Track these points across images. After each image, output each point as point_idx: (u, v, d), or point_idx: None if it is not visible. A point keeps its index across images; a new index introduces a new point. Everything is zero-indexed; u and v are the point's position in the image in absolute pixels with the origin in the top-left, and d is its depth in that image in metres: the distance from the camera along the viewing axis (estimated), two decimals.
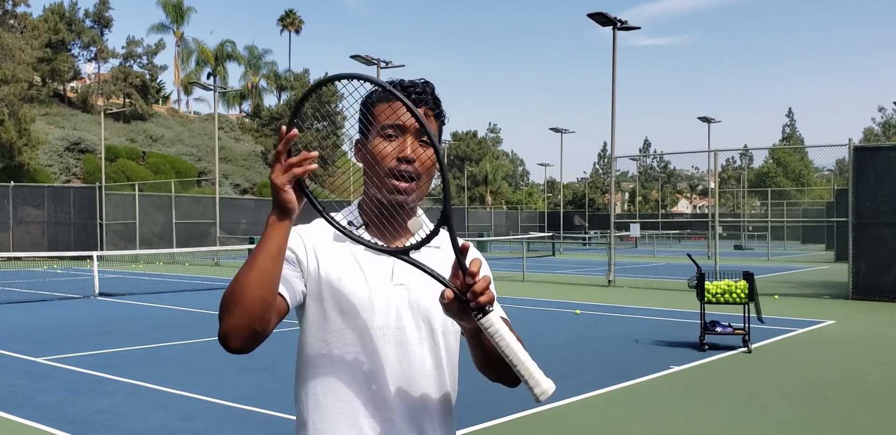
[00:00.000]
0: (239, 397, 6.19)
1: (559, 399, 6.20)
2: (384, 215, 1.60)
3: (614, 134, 19.13)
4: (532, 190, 78.73)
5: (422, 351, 1.58)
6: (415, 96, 1.58)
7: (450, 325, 1.62)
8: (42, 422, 5.50)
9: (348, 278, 1.57)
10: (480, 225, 50.63)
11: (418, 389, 1.57)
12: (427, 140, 1.56)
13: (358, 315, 1.56)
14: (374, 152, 1.57)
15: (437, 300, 1.56)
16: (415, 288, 1.59)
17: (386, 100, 1.59)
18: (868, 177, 14.15)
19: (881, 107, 70.40)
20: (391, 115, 1.56)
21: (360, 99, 1.63)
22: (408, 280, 1.59)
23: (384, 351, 1.56)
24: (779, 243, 41.47)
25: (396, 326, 1.57)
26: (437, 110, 1.62)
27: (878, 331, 10.32)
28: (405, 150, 1.55)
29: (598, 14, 18.48)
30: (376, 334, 1.56)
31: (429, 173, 1.59)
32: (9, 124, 31.75)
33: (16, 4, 38.92)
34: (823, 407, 6.10)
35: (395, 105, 1.56)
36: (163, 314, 12.01)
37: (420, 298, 1.59)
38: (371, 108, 1.62)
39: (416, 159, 1.56)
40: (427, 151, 1.57)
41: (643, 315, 11.98)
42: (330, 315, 1.57)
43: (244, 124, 60.93)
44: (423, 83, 1.61)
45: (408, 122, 1.55)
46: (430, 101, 1.60)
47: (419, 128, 1.54)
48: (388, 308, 1.57)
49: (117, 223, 30.88)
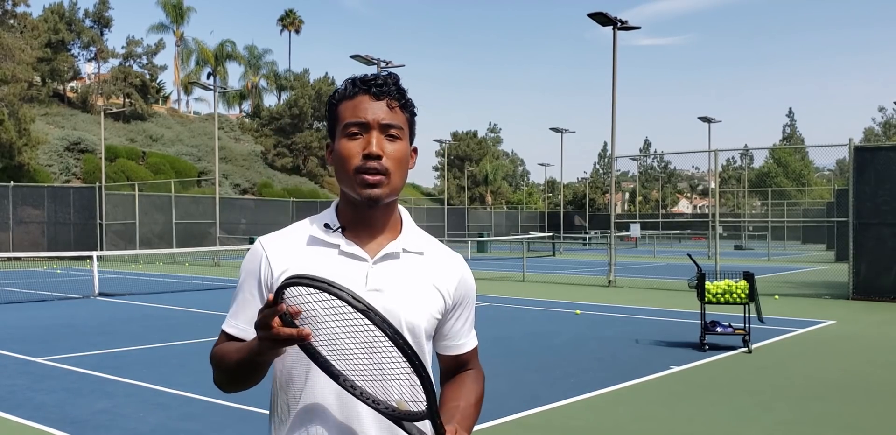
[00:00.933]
0: (239, 397, 6.18)
1: (559, 399, 6.20)
2: (359, 215, 1.57)
3: (614, 134, 19.13)
4: (532, 190, 78.70)
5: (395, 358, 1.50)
6: (375, 89, 1.53)
7: (423, 333, 1.57)
8: (42, 422, 5.50)
9: None
10: (480, 225, 50.64)
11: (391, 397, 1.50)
12: (395, 133, 1.54)
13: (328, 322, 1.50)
14: (342, 152, 1.53)
15: (411, 307, 1.55)
16: (389, 294, 1.54)
17: (349, 97, 1.56)
18: (868, 177, 14.14)
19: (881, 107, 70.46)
20: (353, 114, 1.53)
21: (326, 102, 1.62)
22: (382, 286, 1.54)
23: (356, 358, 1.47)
24: (779, 243, 41.45)
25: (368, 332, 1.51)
26: (402, 100, 1.57)
27: (879, 331, 10.31)
28: (370, 147, 1.51)
29: (598, 14, 18.47)
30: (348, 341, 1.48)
31: (399, 167, 1.54)
32: (9, 124, 31.75)
33: (16, 4, 38.92)
34: (823, 407, 6.09)
35: (356, 101, 1.54)
36: (163, 314, 12.01)
37: (394, 305, 1.53)
38: (335, 108, 1.58)
39: (384, 154, 1.52)
40: (395, 145, 1.54)
41: (643, 315, 11.98)
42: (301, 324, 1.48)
43: (244, 124, 60.95)
44: (385, 75, 1.57)
45: (370, 117, 1.52)
46: (394, 91, 1.55)
47: (383, 123, 1.53)
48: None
49: (117, 223, 30.88)
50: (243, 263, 1.62)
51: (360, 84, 1.55)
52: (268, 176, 50.58)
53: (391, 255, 1.57)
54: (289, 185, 49.90)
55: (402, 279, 1.56)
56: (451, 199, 62.33)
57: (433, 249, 1.64)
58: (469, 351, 1.72)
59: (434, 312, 1.59)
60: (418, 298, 1.56)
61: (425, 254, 1.62)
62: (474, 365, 1.74)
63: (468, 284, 1.67)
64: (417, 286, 1.57)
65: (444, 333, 1.66)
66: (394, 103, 1.55)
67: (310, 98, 53.66)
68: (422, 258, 1.61)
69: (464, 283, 1.66)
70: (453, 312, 1.65)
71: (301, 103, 53.52)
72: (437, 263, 1.62)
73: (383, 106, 1.54)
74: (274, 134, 54.59)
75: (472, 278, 1.69)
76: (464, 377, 1.71)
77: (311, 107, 53.61)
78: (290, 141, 53.64)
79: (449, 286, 1.62)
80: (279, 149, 53.70)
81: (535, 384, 6.88)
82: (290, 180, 51.66)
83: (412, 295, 1.56)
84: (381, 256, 1.56)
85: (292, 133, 53.76)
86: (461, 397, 1.63)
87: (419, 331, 1.56)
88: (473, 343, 1.73)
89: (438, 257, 1.64)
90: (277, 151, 53.67)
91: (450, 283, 1.63)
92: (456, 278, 1.64)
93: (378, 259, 1.55)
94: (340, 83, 1.60)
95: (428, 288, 1.58)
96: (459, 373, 1.72)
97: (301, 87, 55.43)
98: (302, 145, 53.49)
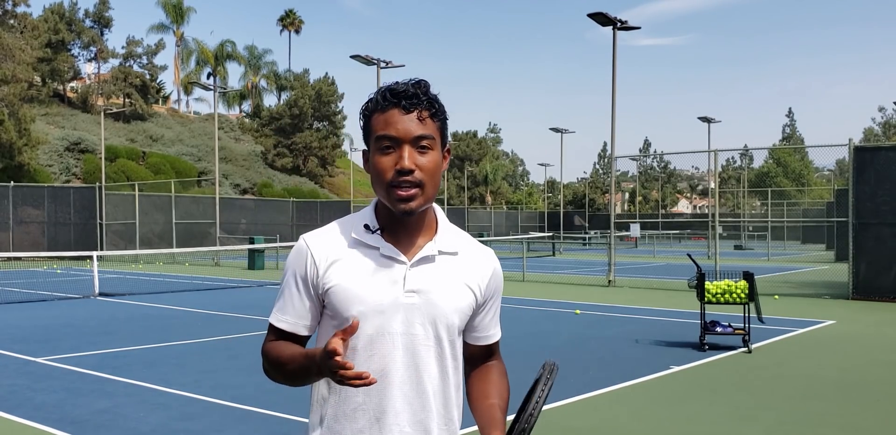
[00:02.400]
0: (239, 397, 6.19)
1: (559, 399, 6.20)
2: (397, 218, 1.63)
3: (614, 134, 19.13)
4: (532, 190, 78.70)
5: (429, 357, 1.62)
6: (405, 102, 1.57)
7: (456, 330, 1.66)
8: (42, 422, 5.50)
9: (360, 285, 1.60)
10: (480, 225, 50.64)
11: (425, 394, 1.61)
12: (426, 144, 1.58)
13: (368, 321, 1.58)
14: (375, 167, 1.59)
15: (447, 308, 1.64)
16: (426, 295, 1.61)
17: (380, 110, 1.59)
18: (868, 177, 14.14)
19: (881, 107, 70.45)
20: (384, 127, 1.57)
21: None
22: (420, 287, 1.61)
23: (392, 356, 1.59)
24: (779, 243, 41.46)
25: (406, 332, 1.60)
26: (433, 109, 1.60)
27: (879, 331, 10.31)
28: (402, 162, 1.55)
29: (599, 14, 18.47)
30: (386, 340, 1.59)
31: (432, 178, 1.60)
32: (9, 124, 31.74)
33: (16, 4, 38.92)
34: (823, 407, 6.09)
35: (387, 115, 1.57)
36: (163, 314, 12.01)
37: (430, 306, 1.62)
38: (369, 120, 1.63)
39: (416, 168, 1.57)
40: (427, 157, 1.58)
41: (643, 315, 11.98)
42: (342, 323, 1.59)
43: (244, 124, 60.93)
44: (413, 84, 1.60)
45: (401, 131, 1.56)
46: (424, 102, 1.58)
47: (415, 135, 1.56)
48: (399, 314, 1.59)
49: (117, 223, 30.87)
50: (288, 259, 1.69)
51: (390, 97, 1.58)
52: (268, 176, 50.56)
53: (427, 258, 1.64)
54: (289, 186, 49.88)
55: (438, 280, 1.63)
56: (451, 199, 62.34)
57: (466, 248, 1.72)
58: (495, 341, 1.82)
59: (466, 310, 1.67)
60: (453, 298, 1.64)
61: (459, 253, 1.69)
62: (498, 355, 1.85)
63: (498, 279, 1.76)
64: (452, 286, 1.65)
65: (474, 325, 1.75)
66: (424, 114, 1.59)
67: (310, 98, 53.62)
68: (456, 258, 1.68)
69: (495, 278, 1.74)
70: (484, 305, 1.74)
71: (301, 103, 53.48)
72: (470, 262, 1.70)
73: (414, 118, 1.58)
74: (274, 134, 54.55)
75: (501, 273, 1.78)
76: (491, 370, 1.81)
77: (311, 107, 53.57)
78: (290, 141, 53.62)
79: (481, 283, 1.70)
80: (279, 149, 53.68)
81: None
82: (290, 180, 51.64)
83: (447, 295, 1.64)
84: (418, 259, 1.63)
85: (292, 133, 53.73)
86: (494, 394, 1.75)
87: (454, 329, 1.65)
88: (499, 334, 1.83)
89: (471, 255, 1.71)
90: (277, 151, 53.65)
91: (482, 279, 1.71)
92: (488, 275, 1.72)
93: (415, 262, 1.63)
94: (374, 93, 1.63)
95: (461, 287, 1.66)
96: (485, 363, 1.82)
97: (301, 87, 55.38)
98: (302, 145, 53.47)
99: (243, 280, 19.14)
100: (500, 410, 1.70)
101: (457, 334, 1.67)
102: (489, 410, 1.69)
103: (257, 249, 23.49)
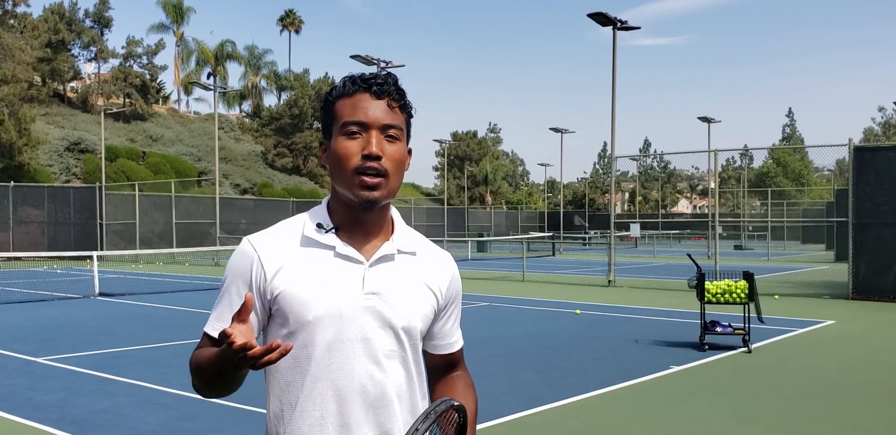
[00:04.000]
0: (239, 397, 6.15)
1: (559, 399, 6.21)
2: (353, 216, 1.54)
3: (614, 134, 19.14)
4: (532, 190, 78.67)
5: (392, 364, 1.52)
6: (376, 88, 1.51)
7: (418, 334, 1.57)
8: (42, 422, 5.50)
9: (315, 289, 1.48)
10: (480, 225, 50.65)
11: (390, 403, 1.51)
12: (394, 134, 1.51)
13: (326, 328, 1.48)
14: (340, 152, 1.49)
15: (408, 309, 1.53)
16: (386, 298, 1.52)
17: (347, 94, 1.52)
18: (868, 177, 14.14)
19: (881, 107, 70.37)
20: (352, 112, 1.50)
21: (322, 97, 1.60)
22: (379, 289, 1.51)
23: (353, 364, 1.49)
24: (779, 243, 41.46)
25: (365, 337, 1.49)
26: (402, 101, 1.54)
27: (878, 331, 10.31)
28: (370, 147, 1.47)
29: (598, 14, 18.47)
30: (345, 347, 1.49)
31: (398, 169, 1.52)
32: (9, 124, 31.75)
33: (16, 4, 38.94)
34: (823, 407, 6.09)
35: (355, 99, 1.51)
36: (163, 314, 12.01)
37: (391, 309, 1.51)
38: (332, 106, 1.54)
39: (384, 155, 1.49)
40: (394, 146, 1.51)
41: (643, 315, 11.98)
42: (296, 330, 1.49)
43: (244, 124, 60.96)
44: (384, 74, 1.54)
45: (370, 116, 1.49)
46: (394, 91, 1.52)
47: (384, 123, 1.50)
48: (358, 319, 1.49)
49: (117, 223, 30.87)
50: (230, 263, 1.55)
51: (360, 82, 1.52)
52: (268, 176, 50.58)
53: (386, 257, 1.54)
54: (289, 185, 49.90)
55: (398, 281, 1.54)
56: (451, 199, 62.33)
57: (424, 249, 1.63)
58: (458, 350, 1.72)
59: (428, 313, 1.58)
60: (414, 300, 1.55)
61: (418, 254, 1.60)
62: (462, 365, 1.74)
63: (458, 284, 1.68)
64: (413, 288, 1.55)
65: (434, 332, 1.65)
66: (394, 103, 1.52)
67: (310, 98, 53.65)
68: (415, 259, 1.59)
69: (455, 282, 1.66)
70: (445, 311, 1.64)
71: (301, 103, 53.51)
72: (429, 263, 1.61)
73: (383, 105, 1.51)
74: (274, 134, 54.57)
75: (460, 278, 1.70)
76: (456, 383, 1.70)
77: (311, 107, 53.58)
78: (290, 141, 53.64)
79: (441, 286, 1.61)
80: (279, 149, 53.70)
81: (535, 384, 6.88)
82: (290, 180, 51.66)
83: (408, 297, 1.54)
84: (377, 258, 1.53)
85: (292, 133, 53.75)
86: None
87: (415, 332, 1.55)
88: (461, 343, 1.73)
89: (430, 257, 1.62)
90: (277, 151, 53.67)
91: (442, 282, 1.62)
92: (448, 278, 1.64)
93: (374, 261, 1.53)
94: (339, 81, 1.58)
95: (422, 289, 1.57)
96: (449, 374, 1.71)
97: (301, 87, 55.43)
98: (302, 145, 53.48)
99: None
100: None
101: (419, 339, 1.57)
102: None
103: None
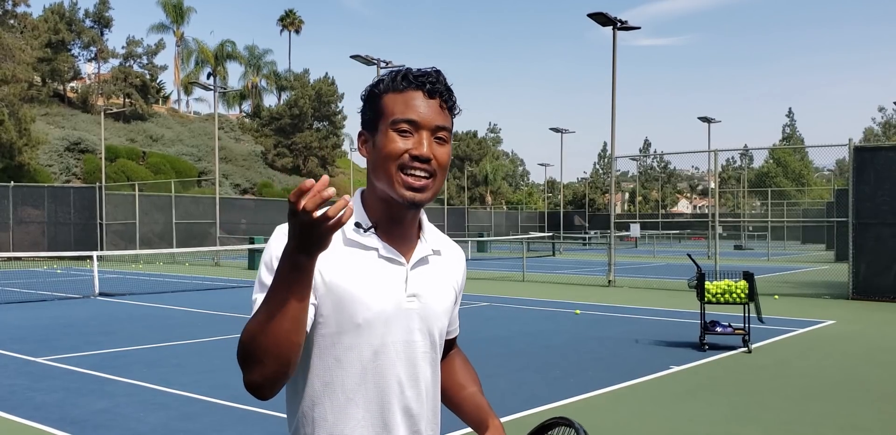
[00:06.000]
0: (239, 397, 6.18)
1: (559, 399, 6.21)
2: (391, 214, 1.50)
3: (614, 134, 19.14)
4: (532, 190, 78.68)
5: (424, 364, 1.53)
6: (429, 87, 1.46)
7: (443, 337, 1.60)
8: (42, 422, 5.50)
9: (363, 290, 1.44)
10: (480, 225, 50.63)
11: (422, 402, 1.53)
12: (443, 136, 1.47)
13: (374, 330, 1.45)
14: (388, 148, 1.44)
15: (440, 311, 1.55)
16: (424, 300, 1.52)
17: (397, 90, 1.47)
18: (868, 177, 14.14)
19: (881, 107, 70.40)
20: (404, 110, 1.45)
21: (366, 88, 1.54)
22: (419, 290, 1.51)
23: (395, 367, 1.48)
24: (779, 243, 41.45)
25: (408, 340, 1.49)
26: (451, 102, 1.50)
27: (878, 331, 10.31)
28: (421, 148, 1.43)
29: (599, 14, 18.47)
30: (390, 349, 1.47)
31: (444, 172, 1.49)
32: (9, 124, 31.75)
33: (16, 4, 38.93)
34: (823, 407, 6.09)
35: (407, 96, 1.46)
36: (163, 314, 12.00)
37: (427, 310, 1.52)
38: (379, 99, 1.49)
39: (434, 157, 1.45)
40: (443, 149, 1.47)
41: (643, 315, 11.98)
42: (343, 331, 1.45)
43: (244, 124, 60.94)
44: (435, 72, 1.49)
45: (424, 116, 1.45)
46: (445, 91, 1.48)
47: (436, 124, 1.46)
48: (401, 322, 1.48)
49: (117, 223, 30.87)
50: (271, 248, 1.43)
51: (412, 78, 1.47)
52: (268, 176, 50.57)
53: (423, 259, 1.54)
54: (289, 185, 49.88)
55: (433, 283, 1.55)
56: (451, 199, 62.33)
57: (445, 246, 1.64)
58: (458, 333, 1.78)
59: (451, 310, 1.62)
60: (445, 301, 1.57)
61: (442, 253, 1.61)
62: (456, 346, 1.80)
63: (465, 274, 1.70)
64: (443, 288, 1.57)
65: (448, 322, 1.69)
66: (444, 105, 1.49)
67: (310, 98, 53.63)
68: (441, 258, 1.59)
69: (465, 273, 1.68)
70: (456, 301, 1.67)
71: (301, 103, 53.49)
72: (451, 261, 1.63)
73: (435, 106, 1.47)
74: (274, 134, 54.55)
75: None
76: (456, 360, 1.76)
77: (311, 107, 53.56)
78: (290, 141, 53.63)
79: (458, 281, 1.64)
80: (279, 149, 53.69)
81: (535, 384, 6.88)
82: (290, 180, 51.64)
83: (441, 298, 1.56)
84: (417, 260, 1.52)
85: (292, 133, 53.74)
86: (470, 382, 1.71)
87: (443, 332, 1.58)
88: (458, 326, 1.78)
89: (450, 254, 1.64)
90: (277, 151, 53.66)
91: (459, 278, 1.65)
92: (462, 272, 1.66)
93: (414, 263, 1.52)
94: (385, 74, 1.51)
95: (448, 288, 1.59)
96: (447, 353, 1.75)
97: (301, 88, 55.39)
98: (302, 145, 53.47)
99: (243, 280, 19.13)
100: (482, 396, 1.66)
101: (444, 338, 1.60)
102: (473, 398, 1.65)
103: (257, 249, 23.49)
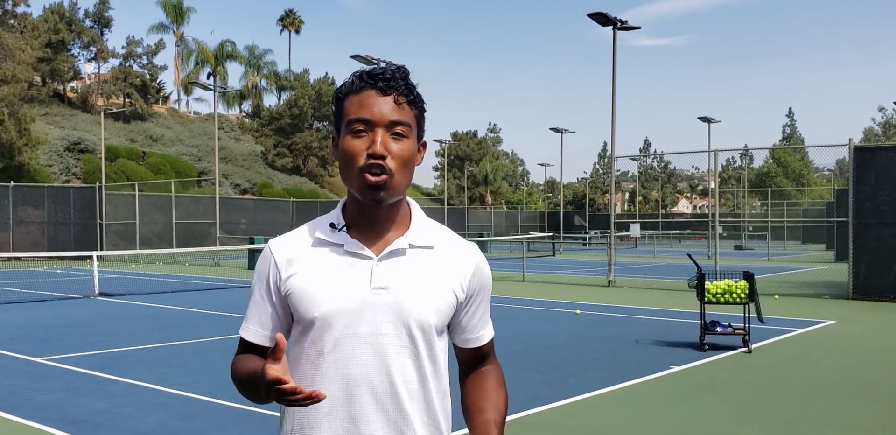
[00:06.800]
0: (239, 397, 6.16)
1: (559, 399, 6.21)
2: (364, 212, 1.53)
3: (614, 134, 19.14)
4: (532, 190, 78.66)
5: (402, 359, 1.50)
6: (382, 84, 1.47)
7: (433, 330, 1.54)
8: (42, 422, 5.50)
9: (324, 286, 1.50)
10: (480, 225, 50.62)
11: (400, 399, 1.50)
12: (401, 131, 1.48)
13: (333, 324, 1.49)
14: (346, 151, 1.48)
15: (420, 303, 1.51)
16: (396, 292, 1.50)
17: (354, 91, 1.50)
18: (868, 177, 14.14)
19: (881, 107, 70.40)
20: (357, 109, 1.48)
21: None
22: (389, 283, 1.50)
23: (360, 359, 1.49)
24: (779, 243, 41.44)
25: (374, 332, 1.49)
26: (411, 96, 1.50)
27: (878, 331, 10.31)
28: (374, 146, 1.45)
29: (599, 14, 18.47)
30: (352, 341, 1.49)
31: (404, 167, 1.49)
32: (9, 124, 31.74)
33: (16, 4, 38.93)
34: (823, 407, 6.09)
35: (362, 96, 1.48)
36: (163, 314, 12.00)
37: (401, 304, 1.50)
38: (342, 102, 1.52)
39: (388, 154, 1.46)
40: (401, 144, 1.48)
41: (643, 315, 11.98)
42: (306, 327, 1.52)
43: (244, 124, 60.94)
44: (393, 69, 1.50)
45: (376, 114, 1.46)
46: (402, 87, 1.49)
47: (390, 120, 1.47)
48: (366, 314, 1.49)
49: (117, 223, 30.87)
50: (256, 267, 1.62)
51: (366, 78, 1.49)
52: (268, 176, 50.56)
53: (396, 251, 1.52)
54: (289, 186, 49.90)
55: (410, 275, 1.51)
56: (451, 199, 62.33)
57: (444, 242, 1.59)
58: (487, 343, 1.69)
59: (444, 308, 1.54)
60: (427, 294, 1.52)
61: (435, 247, 1.57)
62: (492, 358, 1.72)
63: (483, 274, 1.62)
64: (426, 282, 1.52)
65: (462, 326, 1.63)
66: (401, 99, 1.49)
67: (310, 98, 53.64)
68: (431, 252, 1.56)
69: (478, 273, 1.61)
70: (469, 303, 1.61)
71: (301, 103, 53.50)
72: (448, 256, 1.58)
73: (390, 102, 1.48)
74: (274, 134, 54.55)
75: (487, 268, 1.64)
76: (486, 379, 1.68)
77: (311, 107, 53.56)
78: (290, 141, 53.63)
79: (462, 279, 1.57)
80: (279, 149, 53.69)
81: (535, 384, 6.87)
82: (290, 180, 51.65)
83: (420, 291, 1.52)
84: (386, 253, 1.51)
85: (292, 133, 53.74)
86: (491, 408, 1.60)
87: (429, 327, 1.52)
88: (490, 334, 1.70)
89: (450, 249, 1.59)
90: (277, 151, 53.66)
91: (463, 274, 1.58)
92: (470, 269, 1.59)
93: (383, 256, 1.51)
94: (348, 76, 1.54)
95: (437, 283, 1.54)
96: (479, 368, 1.70)
97: (301, 87, 55.40)
98: (302, 145, 53.46)
99: (243, 280, 19.13)
100: (495, 426, 1.56)
101: (435, 335, 1.54)
102: (484, 428, 1.55)
103: (257, 249, 23.49)
